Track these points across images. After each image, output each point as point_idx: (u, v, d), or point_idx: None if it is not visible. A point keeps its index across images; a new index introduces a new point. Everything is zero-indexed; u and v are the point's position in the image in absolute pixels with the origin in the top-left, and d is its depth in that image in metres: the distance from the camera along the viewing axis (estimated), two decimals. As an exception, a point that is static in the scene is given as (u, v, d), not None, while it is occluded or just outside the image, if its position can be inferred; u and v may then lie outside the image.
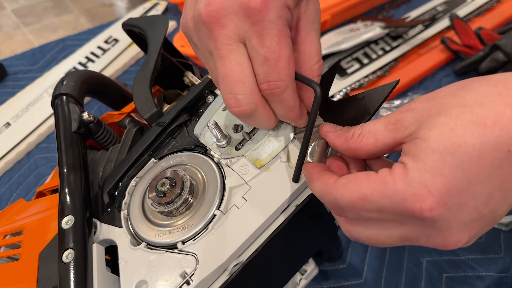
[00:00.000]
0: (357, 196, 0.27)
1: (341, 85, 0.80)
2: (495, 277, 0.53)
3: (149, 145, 0.40)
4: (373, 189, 0.26)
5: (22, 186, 0.73)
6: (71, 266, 0.34)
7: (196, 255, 0.33)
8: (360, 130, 0.30)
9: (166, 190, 0.34)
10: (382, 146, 0.29)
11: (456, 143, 0.24)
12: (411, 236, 0.27)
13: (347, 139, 0.31)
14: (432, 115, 0.26)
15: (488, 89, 0.25)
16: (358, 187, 0.27)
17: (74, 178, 0.39)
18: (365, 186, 0.26)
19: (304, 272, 0.43)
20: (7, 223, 0.44)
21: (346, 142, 0.31)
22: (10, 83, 0.93)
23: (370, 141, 0.29)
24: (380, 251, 0.57)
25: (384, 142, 0.28)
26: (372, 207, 0.26)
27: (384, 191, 0.25)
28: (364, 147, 0.29)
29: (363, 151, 0.30)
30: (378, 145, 0.29)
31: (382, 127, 0.29)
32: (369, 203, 0.26)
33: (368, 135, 0.29)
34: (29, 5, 2.60)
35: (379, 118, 0.29)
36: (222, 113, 0.39)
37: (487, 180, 0.24)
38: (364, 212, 0.27)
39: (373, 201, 0.26)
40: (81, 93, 0.48)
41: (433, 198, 0.24)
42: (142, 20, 0.49)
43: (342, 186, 0.28)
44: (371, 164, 0.33)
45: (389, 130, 0.28)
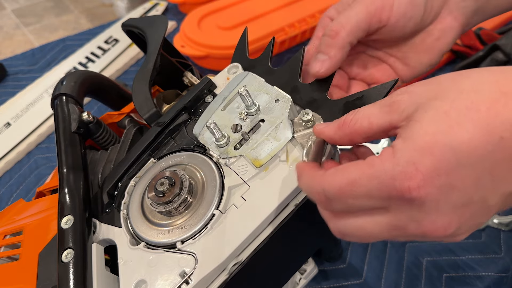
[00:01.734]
0: (345, 182, 0.26)
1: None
2: (495, 277, 0.53)
3: (148, 145, 0.40)
4: (361, 173, 0.26)
5: (22, 186, 0.74)
6: (70, 266, 0.34)
7: (195, 254, 0.33)
8: (353, 115, 0.30)
9: (165, 190, 0.34)
10: (377, 129, 0.28)
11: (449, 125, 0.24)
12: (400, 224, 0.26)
13: (340, 126, 0.30)
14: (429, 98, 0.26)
15: (485, 77, 0.25)
16: (346, 174, 0.26)
17: (73, 178, 0.40)
18: (353, 172, 0.26)
19: (303, 271, 0.43)
20: (7, 223, 0.44)
21: (339, 129, 0.30)
22: (10, 83, 0.93)
23: (364, 124, 0.29)
24: (380, 251, 0.57)
25: (379, 124, 0.28)
26: (361, 192, 0.26)
27: (372, 173, 0.25)
28: (358, 130, 0.29)
29: (358, 134, 0.29)
30: (372, 128, 0.28)
31: (377, 109, 0.28)
32: (357, 187, 0.26)
33: (362, 118, 0.29)
34: (29, 5, 2.61)
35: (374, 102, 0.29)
36: (221, 113, 0.40)
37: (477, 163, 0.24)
38: (352, 199, 0.27)
39: (361, 185, 0.26)
40: (81, 94, 0.48)
41: (421, 176, 0.24)
42: (142, 20, 0.49)
43: (330, 175, 0.27)
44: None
45: (385, 112, 0.28)
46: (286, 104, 0.38)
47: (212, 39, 0.84)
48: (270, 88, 0.39)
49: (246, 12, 0.90)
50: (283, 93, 0.39)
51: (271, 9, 0.91)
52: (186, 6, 1.03)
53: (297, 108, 0.39)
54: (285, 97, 0.38)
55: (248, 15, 0.89)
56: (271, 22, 0.88)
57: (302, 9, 0.90)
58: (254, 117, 0.38)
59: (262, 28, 0.86)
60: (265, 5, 0.92)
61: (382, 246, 0.58)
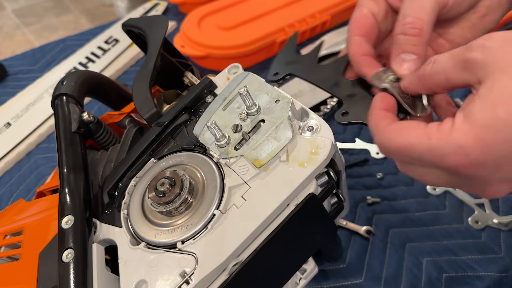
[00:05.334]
0: (403, 145, 0.29)
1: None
2: (495, 277, 0.53)
3: (148, 145, 0.40)
4: (418, 142, 0.28)
5: (22, 186, 0.74)
6: (71, 266, 0.34)
7: (196, 254, 0.33)
8: (430, 66, 0.30)
9: (166, 190, 0.34)
10: (454, 84, 0.29)
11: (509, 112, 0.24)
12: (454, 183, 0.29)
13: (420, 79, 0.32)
14: (500, 68, 0.25)
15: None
16: (405, 136, 0.29)
17: (74, 178, 0.40)
18: (411, 137, 0.28)
19: (303, 271, 0.43)
20: (7, 223, 0.44)
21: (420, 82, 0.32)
22: (10, 83, 0.93)
23: (441, 78, 0.30)
24: (380, 251, 0.57)
25: (456, 81, 0.29)
26: (415, 157, 0.29)
27: (427, 146, 0.27)
28: (437, 84, 0.30)
29: (438, 87, 0.31)
30: (450, 83, 0.29)
31: (452, 65, 0.29)
32: (412, 153, 0.28)
33: (440, 73, 0.30)
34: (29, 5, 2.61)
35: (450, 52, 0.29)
36: (222, 113, 0.40)
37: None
38: (408, 159, 0.30)
39: (416, 152, 0.28)
40: (81, 94, 0.48)
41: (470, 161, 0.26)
42: (142, 20, 0.49)
43: (391, 131, 0.30)
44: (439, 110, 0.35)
45: (460, 69, 0.28)
46: (286, 104, 0.38)
47: (212, 39, 0.84)
48: (270, 88, 0.39)
49: (246, 12, 0.90)
50: (283, 94, 0.39)
51: (271, 9, 0.91)
52: (186, 6, 1.03)
53: (297, 108, 0.39)
54: (285, 97, 0.38)
55: (248, 15, 0.89)
56: (271, 22, 0.88)
57: (302, 9, 0.90)
58: (255, 117, 0.38)
59: (262, 28, 0.86)
60: (265, 5, 0.92)
61: (382, 246, 0.58)
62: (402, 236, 0.58)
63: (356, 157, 0.69)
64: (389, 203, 0.62)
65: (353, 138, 0.72)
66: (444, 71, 0.29)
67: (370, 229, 0.59)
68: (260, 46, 0.84)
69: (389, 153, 0.31)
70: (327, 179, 0.37)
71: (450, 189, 0.62)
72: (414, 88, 0.33)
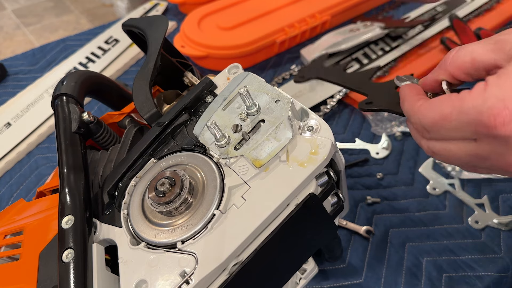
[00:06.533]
0: (438, 116, 0.28)
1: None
2: (495, 277, 0.53)
3: (148, 145, 0.40)
4: (452, 108, 0.27)
5: (22, 186, 0.74)
6: (71, 266, 0.34)
7: (196, 254, 0.33)
8: (455, 51, 0.30)
9: (166, 190, 0.34)
10: (479, 65, 0.29)
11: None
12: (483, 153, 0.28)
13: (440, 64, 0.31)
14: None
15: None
16: (439, 107, 0.28)
17: (74, 178, 0.40)
18: (445, 106, 0.28)
19: (303, 271, 0.43)
20: (8, 223, 0.44)
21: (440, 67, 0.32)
22: (10, 83, 0.93)
23: (466, 59, 0.29)
24: (380, 251, 0.57)
25: (483, 61, 0.28)
26: (452, 126, 0.28)
27: (462, 108, 0.27)
28: (461, 66, 0.30)
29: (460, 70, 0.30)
30: (475, 64, 0.29)
31: (480, 46, 0.29)
32: (448, 121, 0.28)
33: (465, 54, 0.29)
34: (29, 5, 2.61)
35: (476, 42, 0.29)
36: (222, 113, 0.40)
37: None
38: (444, 131, 0.29)
39: (452, 119, 0.27)
40: (81, 94, 0.48)
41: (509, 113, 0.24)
42: (142, 20, 0.49)
43: (425, 108, 0.30)
44: None
45: (489, 49, 0.28)
46: (286, 104, 0.38)
47: (212, 39, 0.84)
48: (270, 88, 0.39)
49: (246, 12, 0.90)
50: (283, 94, 0.39)
51: (271, 9, 0.91)
52: (186, 6, 1.03)
53: (297, 108, 0.39)
54: (285, 97, 0.38)
55: (248, 15, 0.89)
56: (271, 22, 0.88)
57: (302, 9, 0.90)
58: (255, 117, 0.38)
59: (262, 28, 0.86)
60: (265, 5, 0.92)
61: (382, 246, 0.58)
62: (402, 236, 0.58)
63: (356, 157, 0.69)
64: (389, 203, 0.62)
65: (353, 138, 0.72)
66: (471, 52, 0.29)
67: (370, 229, 0.59)
68: (260, 46, 0.84)
69: (426, 131, 0.30)
70: (327, 179, 0.37)
71: (450, 189, 0.62)
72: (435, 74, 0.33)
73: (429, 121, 0.29)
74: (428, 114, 0.29)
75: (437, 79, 0.33)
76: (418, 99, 0.32)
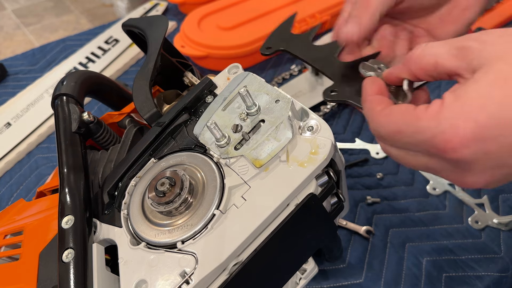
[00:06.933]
0: (394, 129, 0.29)
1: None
2: (495, 277, 0.53)
3: (148, 145, 0.40)
4: (408, 124, 0.28)
5: (22, 186, 0.74)
6: (71, 266, 0.34)
7: (196, 254, 0.33)
8: (421, 50, 0.30)
9: (166, 190, 0.34)
10: (441, 71, 0.29)
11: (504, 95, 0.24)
12: (436, 167, 0.29)
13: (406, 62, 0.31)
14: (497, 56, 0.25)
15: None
16: (396, 120, 0.29)
17: (74, 178, 0.40)
18: (401, 120, 0.28)
19: (303, 271, 0.43)
20: (8, 223, 0.44)
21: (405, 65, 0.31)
22: (10, 83, 0.93)
23: (430, 62, 0.29)
24: (380, 251, 0.57)
25: (445, 67, 0.28)
26: (406, 141, 0.29)
27: (417, 126, 0.27)
28: (424, 67, 0.29)
29: (423, 71, 0.30)
30: (437, 69, 0.29)
31: (445, 50, 0.28)
32: (403, 136, 0.28)
33: (429, 56, 0.29)
34: (29, 5, 2.61)
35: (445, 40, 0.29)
36: (222, 113, 0.40)
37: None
38: (399, 143, 0.30)
39: (407, 135, 0.28)
40: (81, 94, 0.48)
41: (459, 140, 0.25)
42: (142, 20, 0.49)
43: (383, 116, 0.30)
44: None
45: (453, 55, 0.28)
46: (286, 104, 0.38)
47: (212, 39, 0.84)
48: (270, 88, 0.39)
49: (246, 12, 0.90)
50: (283, 94, 0.39)
51: (271, 9, 0.91)
52: (186, 6, 1.03)
53: (297, 108, 0.39)
54: (285, 97, 0.38)
55: (248, 15, 0.89)
56: (271, 22, 0.88)
57: (302, 9, 0.90)
58: (255, 117, 0.38)
59: (262, 28, 0.86)
60: (265, 5, 0.92)
61: (382, 246, 0.58)
62: (402, 236, 0.58)
63: (356, 157, 0.69)
64: (389, 203, 0.62)
65: (353, 138, 0.72)
66: (435, 55, 0.29)
67: (370, 229, 0.59)
68: (260, 46, 0.84)
69: (382, 139, 0.31)
70: (327, 179, 0.37)
71: (450, 189, 0.62)
72: (397, 71, 0.32)
73: (385, 131, 0.30)
74: (385, 124, 0.30)
75: (399, 76, 0.33)
76: (378, 102, 0.31)
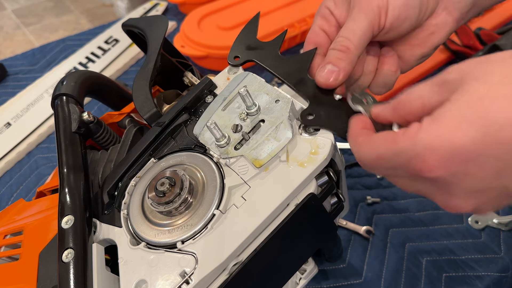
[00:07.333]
0: (375, 156, 0.29)
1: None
2: (495, 277, 0.53)
3: (148, 145, 0.40)
4: (386, 149, 0.28)
5: (22, 186, 0.74)
6: (71, 266, 0.34)
7: (196, 254, 0.33)
8: (406, 95, 0.30)
9: (166, 190, 0.34)
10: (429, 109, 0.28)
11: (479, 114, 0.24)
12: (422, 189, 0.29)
13: (394, 107, 0.31)
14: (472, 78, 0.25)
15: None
16: (376, 147, 0.29)
17: (74, 178, 0.40)
18: (381, 147, 0.28)
19: (303, 271, 0.43)
20: (7, 223, 0.44)
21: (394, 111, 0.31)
22: (10, 83, 0.93)
23: (417, 105, 0.29)
24: (380, 251, 0.57)
25: (432, 105, 0.28)
26: (387, 165, 0.29)
27: (394, 150, 0.27)
28: (413, 111, 0.30)
29: (413, 115, 0.30)
30: (426, 109, 0.29)
31: (427, 90, 0.28)
32: (384, 162, 0.29)
33: (415, 99, 0.29)
34: (29, 5, 2.61)
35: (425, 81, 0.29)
36: (221, 113, 0.40)
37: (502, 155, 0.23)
38: (382, 170, 0.30)
39: (387, 160, 0.28)
40: (81, 94, 0.48)
41: (435, 160, 0.25)
42: (142, 20, 0.49)
43: (365, 146, 0.30)
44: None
45: (435, 92, 0.28)
46: (286, 104, 0.38)
47: (212, 39, 0.84)
48: (270, 88, 0.39)
49: (246, 12, 0.90)
50: (283, 94, 0.39)
51: (271, 9, 0.91)
52: (186, 6, 1.03)
53: (297, 108, 0.39)
54: (285, 97, 0.38)
55: (248, 15, 0.89)
56: (271, 22, 0.88)
57: (302, 9, 0.90)
58: (255, 117, 0.38)
59: (262, 28, 0.86)
60: (265, 5, 0.92)
61: (382, 246, 0.58)
62: (402, 236, 0.58)
63: (356, 157, 0.69)
64: (389, 203, 0.62)
65: (353, 138, 0.72)
66: (420, 97, 0.29)
67: (370, 229, 0.59)
68: (260, 46, 0.84)
69: (366, 167, 0.32)
70: (327, 179, 0.37)
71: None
72: (386, 116, 0.32)
73: (367, 159, 0.30)
74: (367, 152, 0.30)
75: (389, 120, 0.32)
76: (360, 133, 0.32)
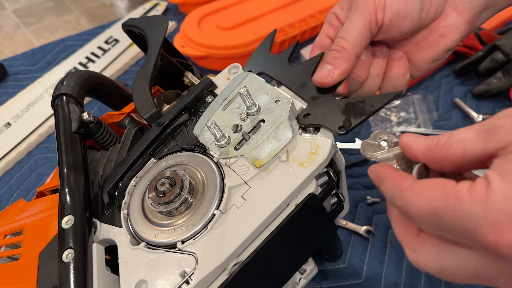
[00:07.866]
0: (427, 209, 0.23)
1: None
2: (495, 277, 0.53)
3: (148, 145, 0.40)
4: (445, 205, 0.22)
5: (22, 186, 0.74)
6: (71, 266, 0.34)
7: (196, 254, 0.33)
8: (446, 138, 0.26)
9: (166, 190, 0.34)
10: (471, 157, 0.25)
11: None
12: (488, 273, 0.23)
13: (431, 147, 0.27)
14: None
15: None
16: (430, 198, 0.23)
17: (74, 178, 0.40)
18: (437, 199, 0.23)
19: (303, 271, 0.43)
20: (8, 223, 0.44)
21: (430, 151, 0.27)
22: (10, 83, 0.93)
23: (458, 150, 0.25)
24: (380, 251, 0.57)
25: (475, 152, 0.24)
26: (442, 225, 0.23)
27: (457, 211, 0.22)
28: (450, 157, 0.26)
29: (449, 162, 0.26)
30: (466, 156, 0.25)
31: (473, 135, 0.24)
32: (439, 219, 0.23)
33: (457, 143, 0.25)
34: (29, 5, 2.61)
35: (472, 125, 0.25)
36: (222, 113, 0.40)
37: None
38: (433, 228, 0.24)
39: (443, 219, 0.23)
40: (81, 93, 0.48)
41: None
42: (142, 20, 0.49)
43: (414, 192, 0.25)
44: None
45: (481, 139, 0.24)
46: (286, 104, 0.38)
47: (212, 39, 0.85)
48: (270, 89, 0.39)
49: (246, 12, 0.90)
50: (283, 94, 0.39)
51: (271, 10, 0.91)
52: (186, 6, 1.03)
53: (297, 108, 0.39)
54: (285, 97, 0.38)
55: (248, 15, 0.89)
56: (271, 22, 0.88)
57: (302, 9, 0.90)
58: (255, 117, 0.38)
59: (262, 28, 0.86)
60: (265, 5, 0.92)
61: (382, 246, 0.58)
62: (402, 236, 0.58)
63: (356, 157, 0.69)
64: (389, 203, 0.62)
65: (353, 138, 0.72)
66: (463, 141, 0.25)
67: (370, 229, 0.59)
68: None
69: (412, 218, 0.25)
70: (327, 179, 0.37)
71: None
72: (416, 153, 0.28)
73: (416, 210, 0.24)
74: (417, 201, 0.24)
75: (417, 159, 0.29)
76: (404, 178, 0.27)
